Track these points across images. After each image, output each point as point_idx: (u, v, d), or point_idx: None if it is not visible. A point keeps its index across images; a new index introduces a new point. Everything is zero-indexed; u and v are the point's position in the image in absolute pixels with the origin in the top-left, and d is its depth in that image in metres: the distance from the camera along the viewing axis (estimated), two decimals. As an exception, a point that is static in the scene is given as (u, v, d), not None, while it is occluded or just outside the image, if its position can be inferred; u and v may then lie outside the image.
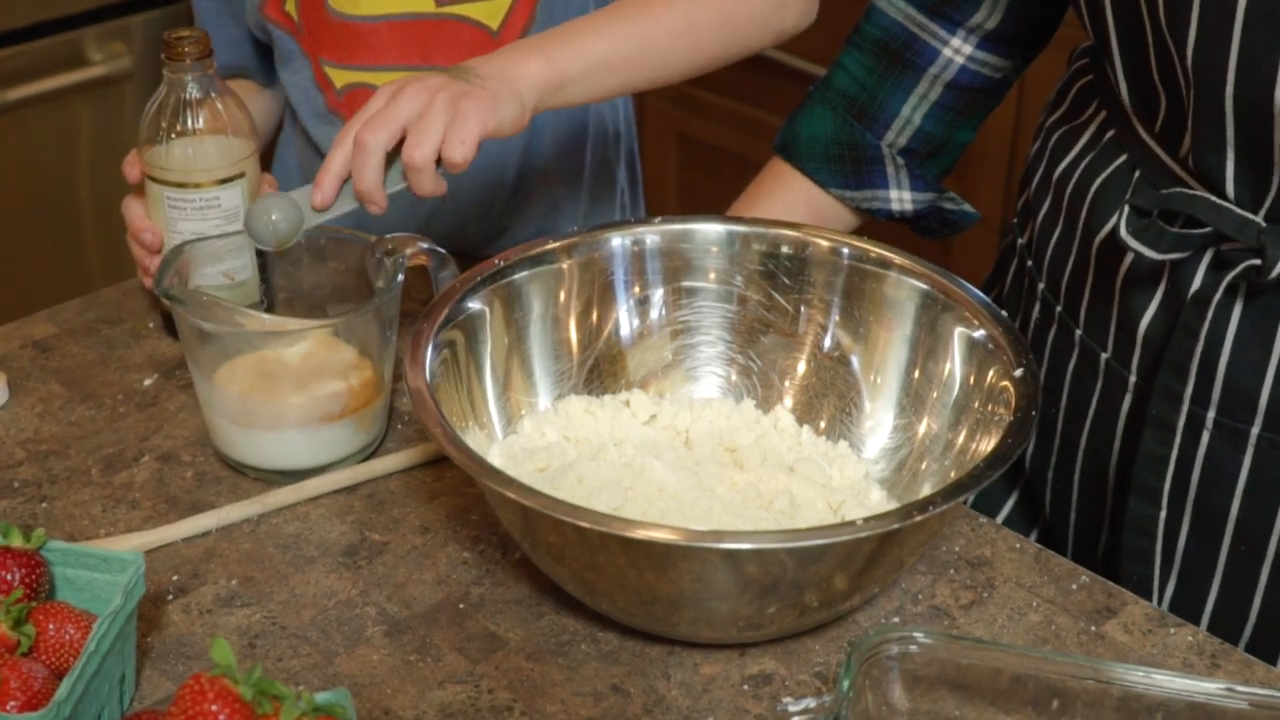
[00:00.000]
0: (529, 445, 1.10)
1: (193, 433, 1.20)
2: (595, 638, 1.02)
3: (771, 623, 0.98)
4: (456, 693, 0.97)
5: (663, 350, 1.17)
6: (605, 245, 1.15)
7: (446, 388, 1.04)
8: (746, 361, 1.18)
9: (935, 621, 1.04)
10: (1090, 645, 1.02)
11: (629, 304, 1.17)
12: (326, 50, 1.43)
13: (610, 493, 1.03)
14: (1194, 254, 1.08)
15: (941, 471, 1.08)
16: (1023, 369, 1.03)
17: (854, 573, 0.96)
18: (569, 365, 1.15)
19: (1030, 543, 1.11)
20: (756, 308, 1.17)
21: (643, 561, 0.93)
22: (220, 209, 1.24)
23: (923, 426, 1.11)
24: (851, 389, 1.15)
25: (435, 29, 1.39)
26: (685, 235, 1.17)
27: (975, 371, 1.08)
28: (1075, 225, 1.18)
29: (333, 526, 1.11)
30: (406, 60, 1.40)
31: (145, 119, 1.23)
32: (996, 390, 1.05)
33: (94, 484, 1.14)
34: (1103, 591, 1.07)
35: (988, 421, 1.05)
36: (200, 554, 1.08)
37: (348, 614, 1.03)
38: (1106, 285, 1.15)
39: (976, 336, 1.08)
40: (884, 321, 1.14)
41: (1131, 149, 1.13)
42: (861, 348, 1.15)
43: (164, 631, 1.01)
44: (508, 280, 1.12)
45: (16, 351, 1.29)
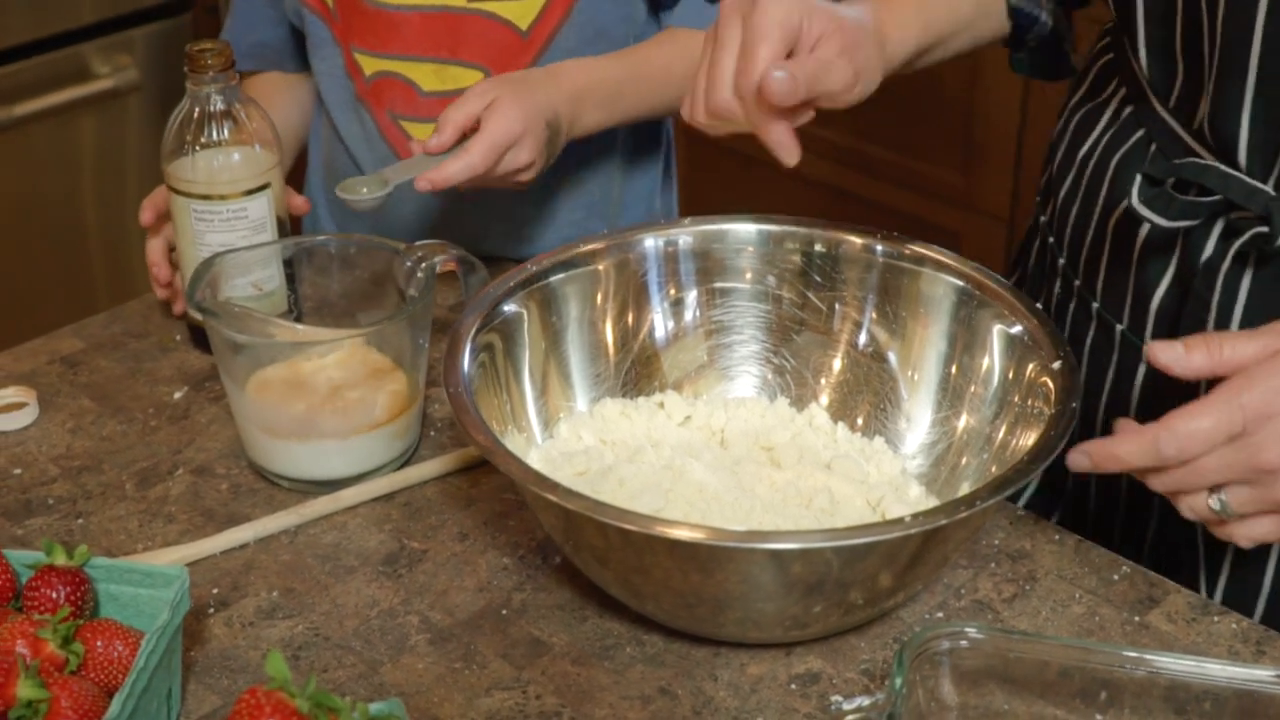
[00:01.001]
0: (567, 449, 1.10)
1: (226, 445, 1.19)
2: (640, 640, 1.01)
3: (817, 621, 0.97)
4: (504, 699, 0.97)
5: (697, 351, 1.17)
6: (638, 247, 1.15)
7: (485, 392, 1.04)
8: (781, 360, 1.18)
9: (979, 616, 1.04)
10: (1134, 635, 1.02)
11: (663, 305, 1.16)
12: (358, 37, 1.44)
13: (652, 495, 1.03)
14: (1204, 222, 1.10)
15: (981, 467, 1.07)
16: (1060, 361, 1.03)
17: (899, 569, 0.95)
18: (606, 367, 1.15)
19: (1070, 534, 1.11)
20: (790, 306, 1.17)
21: (688, 564, 0.93)
22: (247, 220, 1.23)
23: (961, 422, 1.11)
24: (888, 385, 1.15)
25: (465, 24, 1.41)
26: (718, 235, 1.17)
27: (1014, 366, 1.08)
28: (1095, 200, 1.19)
29: (371, 535, 1.11)
30: (435, 52, 1.42)
31: (169, 132, 1.23)
32: (1036, 385, 1.04)
33: (129, 499, 1.14)
34: (1144, 581, 1.06)
35: (1027, 416, 1.04)
36: (239, 566, 1.08)
37: (390, 623, 1.03)
38: (1123, 258, 1.16)
39: (1014, 331, 1.08)
40: (919, 318, 1.14)
41: (1148, 123, 1.15)
42: (898, 344, 1.15)
43: (207, 645, 1.01)
44: (543, 284, 1.12)
45: (44, 368, 1.28)
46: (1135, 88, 1.16)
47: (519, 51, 1.42)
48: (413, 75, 1.44)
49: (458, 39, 1.41)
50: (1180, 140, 1.11)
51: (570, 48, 1.41)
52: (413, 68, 1.43)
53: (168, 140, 1.23)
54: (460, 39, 1.41)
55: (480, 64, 1.42)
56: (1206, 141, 1.09)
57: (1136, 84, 1.16)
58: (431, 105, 1.42)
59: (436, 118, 1.39)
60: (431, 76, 1.44)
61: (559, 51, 1.41)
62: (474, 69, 1.42)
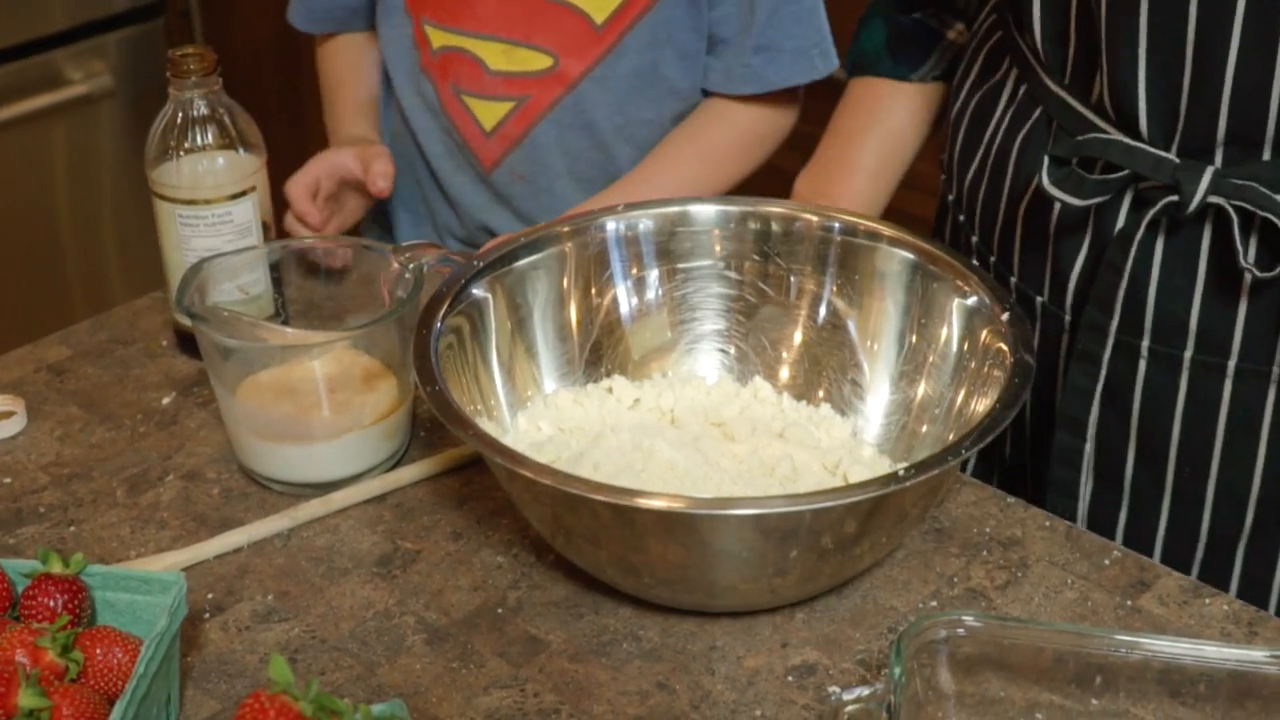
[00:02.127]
0: (532, 440, 1.11)
1: (216, 449, 1.19)
2: (636, 636, 1.02)
3: (795, 567, 0.98)
4: (502, 698, 0.97)
5: (661, 329, 1.19)
6: (600, 229, 1.17)
7: (455, 381, 1.05)
8: (743, 336, 1.20)
9: (972, 604, 1.04)
10: (1127, 619, 1.03)
11: (627, 286, 1.18)
12: (430, 10, 1.46)
13: (628, 476, 1.04)
14: (1114, 197, 1.12)
15: (939, 434, 1.10)
16: (1008, 313, 1.06)
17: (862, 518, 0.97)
18: (571, 349, 1.17)
19: (1060, 520, 1.11)
20: (751, 284, 1.19)
21: (681, 531, 0.94)
22: (233, 224, 1.23)
23: (919, 390, 1.13)
24: (848, 357, 1.17)
25: (540, 8, 1.43)
26: (679, 217, 1.18)
27: (969, 334, 1.10)
28: (1002, 182, 1.22)
29: (364, 537, 1.11)
30: (507, 33, 1.44)
31: (152, 138, 1.23)
32: (990, 349, 1.07)
33: (120, 505, 1.14)
34: (1135, 565, 1.07)
35: (984, 380, 1.07)
36: (234, 571, 1.08)
37: (387, 624, 1.03)
38: (1037, 236, 1.19)
39: (968, 302, 1.11)
40: (876, 292, 1.16)
41: (1045, 101, 1.17)
42: (856, 316, 1.17)
43: (204, 650, 1.01)
44: (509, 268, 1.13)
45: (31, 375, 1.28)
46: (1027, 66, 1.19)
47: (590, 43, 1.44)
48: (481, 53, 1.45)
49: (531, 22, 1.43)
50: (1079, 115, 1.14)
51: (639, 47, 1.43)
52: (482, 45, 1.45)
53: (151, 146, 1.23)
54: (534, 23, 1.43)
55: (550, 49, 1.44)
56: (1107, 114, 1.11)
57: (1028, 62, 1.18)
58: (496, 84, 1.46)
59: (499, 96, 1.44)
60: (500, 56, 1.45)
61: (628, 49, 1.44)
62: (543, 53, 1.44)
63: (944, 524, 1.11)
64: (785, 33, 1.44)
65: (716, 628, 1.02)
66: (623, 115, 1.48)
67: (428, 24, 1.47)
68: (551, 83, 1.46)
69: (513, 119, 1.48)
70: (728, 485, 1.06)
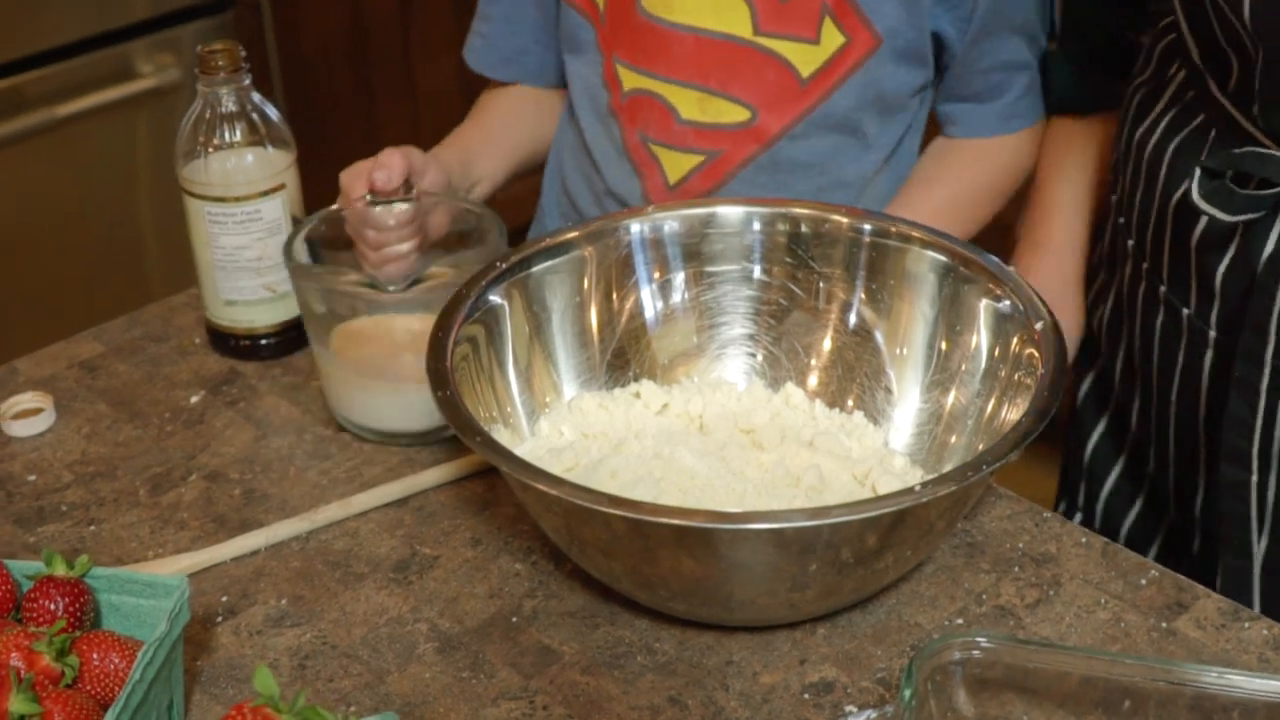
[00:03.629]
0: (552, 445, 1.08)
1: (240, 449, 1.18)
2: (651, 649, 0.99)
3: (814, 582, 0.95)
4: (510, 710, 0.95)
5: (686, 334, 1.16)
6: (623, 232, 1.14)
7: (470, 388, 1.03)
8: (772, 341, 1.16)
9: (1000, 622, 1.01)
10: (1161, 643, 0.99)
11: (651, 289, 1.16)
12: (624, 49, 1.34)
13: (646, 485, 1.01)
14: (1266, 215, 1.07)
15: (970, 443, 1.06)
16: (1043, 321, 1.03)
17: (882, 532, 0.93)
18: (591, 355, 1.14)
19: (1097, 537, 1.08)
20: (779, 287, 1.16)
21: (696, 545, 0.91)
22: (262, 221, 1.22)
23: (950, 398, 1.10)
24: (877, 363, 1.14)
25: (744, 57, 1.30)
26: (705, 219, 1.15)
27: (1000, 341, 1.07)
28: (1155, 185, 1.17)
29: (383, 541, 1.09)
30: (703, 80, 1.32)
31: (181, 134, 1.22)
32: (1021, 357, 1.04)
33: (141, 505, 1.13)
34: (1173, 586, 1.03)
35: (1015, 388, 1.04)
36: (249, 574, 1.07)
37: (399, 631, 1.01)
38: (1183, 245, 1.14)
39: (1000, 307, 1.07)
40: (906, 295, 1.13)
41: (1207, 109, 1.13)
42: (885, 322, 1.14)
43: (213, 654, 1.00)
44: (525, 274, 1.11)
45: (63, 372, 1.28)
46: (1194, 71, 1.14)
47: (793, 98, 1.32)
48: (674, 99, 1.33)
49: (731, 71, 1.31)
50: (1240, 127, 1.09)
51: (846, 106, 1.32)
52: (675, 91, 1.33)
53: (180, 142, 1.22)
54: (734, 71, 1.31)
55: (749, 102, 1.32)
56: (1263, 129, 1.06)
57: (1195, 68, 1.13)
58: (686, 134, 1.34)
59: (689, 148, 1.33)
60: (693, 104, 1.33)
61: (834, 107, 1.32)
62: (741, 105, 1.32)
63: (976, 538, 1.08)
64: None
65: (734, 642, 1.00)
66: (823, 177, 1.35)
67: (620, 64, 1.34)
68: (746, 138, 1.33)
69: (700, 173, 1.35)
70: (750, 496, 1.03)
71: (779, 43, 1.30)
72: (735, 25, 1.30)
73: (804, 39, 1.29)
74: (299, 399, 1.24)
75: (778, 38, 1.29)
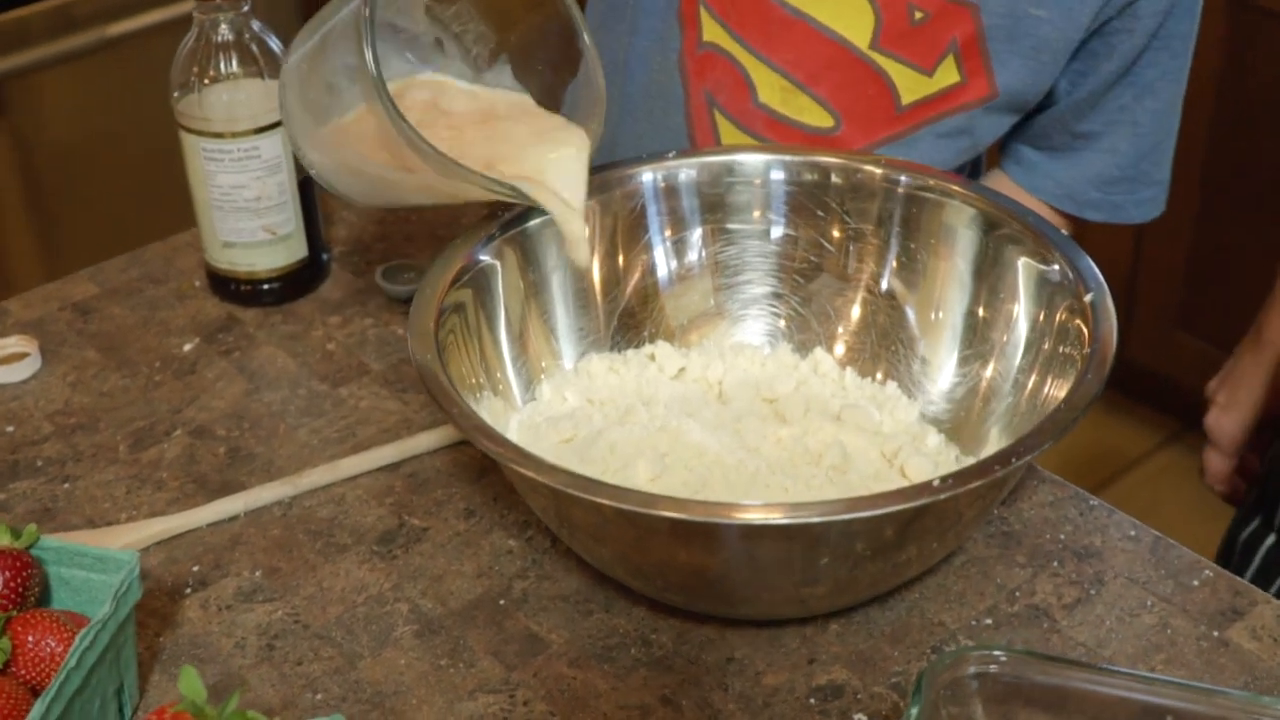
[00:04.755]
0: (551, 413, 1.00)
1: (230, 403, 1.11)
2: (647, 641, 0.91)
3: (826, 576, 0.86)
4: (488, 704, 0.87)
5: (704, 294, 1.06)
6: (634, 182, 1.04)
7: (457, 352, 0.94)
8: (793, 303, 1.07)
9: (1033, 624, 0.91)
10: (1211, 654, 0.89)
11: (665, 244, 1.06)
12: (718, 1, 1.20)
13: (647, 461, 0.93)
14: None
15: (1009, 413, 0.97)
16: (1093, 293, 0.92)
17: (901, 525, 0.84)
18: (594, 318, 1.04)
19: (1148, 529, 0.98)
20: (804, 244, 1.06)
21: (691, 538, 0.83)
22: (260, 159, 1.14)
23: (988, 367, 1.00)
24: (909, 329, 1.04)
25: (849, 64, 1.19)
26: (724, 168, 1.05)
27: (1044, 307, 0.97)
28: None
29: (370, 510, 1.01)
30: (794, 70, 1.19)
31: (176, 65, 1.14)
32: (1068, 327, 0.93)
33: (121, 462, 1.06)
34: (1228, 589, 0.93)
35: (1059, 361, 0.94)
36: (225, 541, 0.99)
37: (377, 611, 0.94)
38: None
39: (1047, 271, 0.97)
40: (943, 255, 1.03)
41: None
42: (921, 283, 1.04)
43: (178, 629, 0.93)
44: (520, 229, 1.01)
45: (54, 314, 1.21)
46: None
47: (884, 121, 1.21)
48: (755, 75, 1.20)
49: (830, 71, 1.19)
50: None
51: (931, 142, 1.22)
52: (759, 68, 1.20)
53: (175, 74, 1.14)
54: (833, 73, 1.19)
55: (837, 110, 1.21)
56: None
57: None
58: (757, 118, 1.22)
59: (756, 134, 1.21)
60: (775, 90, 1.20)
61: (919, 141, 1.22)
62: (826, 110, 1.21)
63: (1013, 526, 0.98)
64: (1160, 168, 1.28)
65: (737, 636, 0.91)
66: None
67: (706, 8, 1.20)
68: (821, 145, 1.21)
69: None
70: (764, 475, 0.94)
71: (891, 62, 1.19)
72: (854, 31, 1.18)
73: (918, 67, 1.19)
74: (297, 350, 1.16)
75: (892, 57, 1.19)
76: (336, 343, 1.17)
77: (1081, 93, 1.22)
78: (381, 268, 1.21)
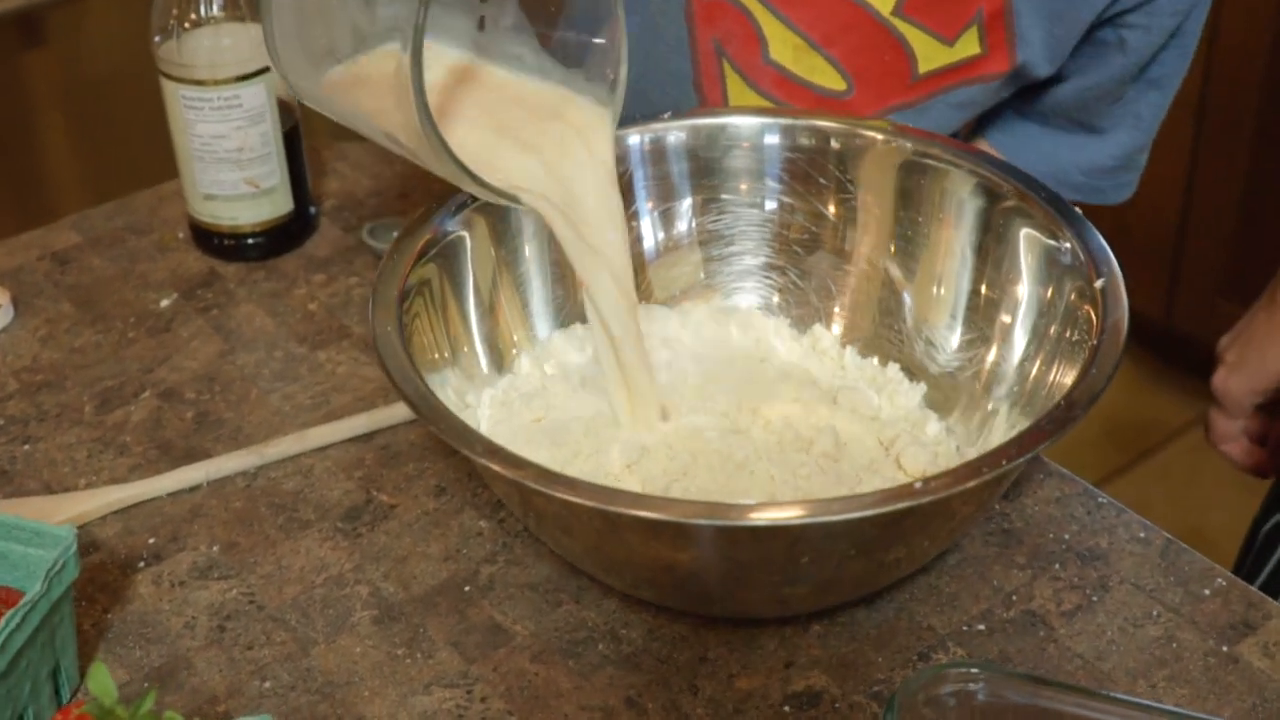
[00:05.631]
0: (527, 389, 0.94)
1: (202, 364, 1.06)
2: (616, 636, 0.86)
3: (807, 575, 0.81)
4: (443, 699, 0.83)
5: (694, 266, 1.00)
6: (620, 146, 0.97)
7: (421, 327, 0.88)
8: (788, 276, 1.01)
9: (1028, 631, 0.86)
10: (1218, 671, 0.83)
11: (651, 214, 0.99)
12: None
13: (624, 446, 0.87)
14: None
15: (1012, 411, 0.91)
16: (1104, 279, 0.86)
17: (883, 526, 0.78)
18: (572, 290, 0.98)
19: (1159, 532, 0.91)
20: (800, 214, 1.00)
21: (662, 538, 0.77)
22: (242, 109, 1.09)
23: (991, 350, 0.94)
24: (911, 307, 0.98)
25: (868, 28, 1.13)
26: (714, 130, 0.99)
27: (1054, 287, 0.90)
28: None
29: (337, 484, 0.97)
30: (809, 29, 1.13)
31: (155, 7, 1.08)
32: (1079, 316, 0.87)
33: (85, 423, 1.02)
34: (1241, 600, 0.87)
35: (1068, 346, 0.88)
36: (185, 512, 0.95)
37: (335, 594, 0.89)
38: None
39: (1056, 249, 0.91)
40: (946, 226, 0.96)
41: None
42: (924, 257, 0.97)
43: (127, 606, 0.89)
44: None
45: (33, 264, 1.17)
46: None
47: (898, 88, 1.15)
48: (767, 29, 1.14)
49: (847, 34, 1.13)
50: None
51: (945, 109, 1.17)
52: (772, 24, 1.13)
53: (155, 17, 1.08)
54: (850, 35, 1.13)
55: (850, 73, 1.15)
56: None
57: None
58: (766, 74, 1.15)
59: (763, 90, 1.15)
60: (788, 48, 1.14)
61: (933, 109, 1.17)
62: (839, 73, 1.15)
63: (1015, 523, 0.92)
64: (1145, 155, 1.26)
65: (712, 634, 0.86)
66: None
67: None
68: (829, 108, 1.15)
69: None
70: (751, 461, 0.89)
71: (912, 29, 1.12)
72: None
73: (939, 36, 1.12)
74: (277, 309, 1.11)
75: (913, 24, 1.12)
76: (319, 302, 1.12)
77: (1088, 82, 1.17)
78: (369, 225, 1.16)
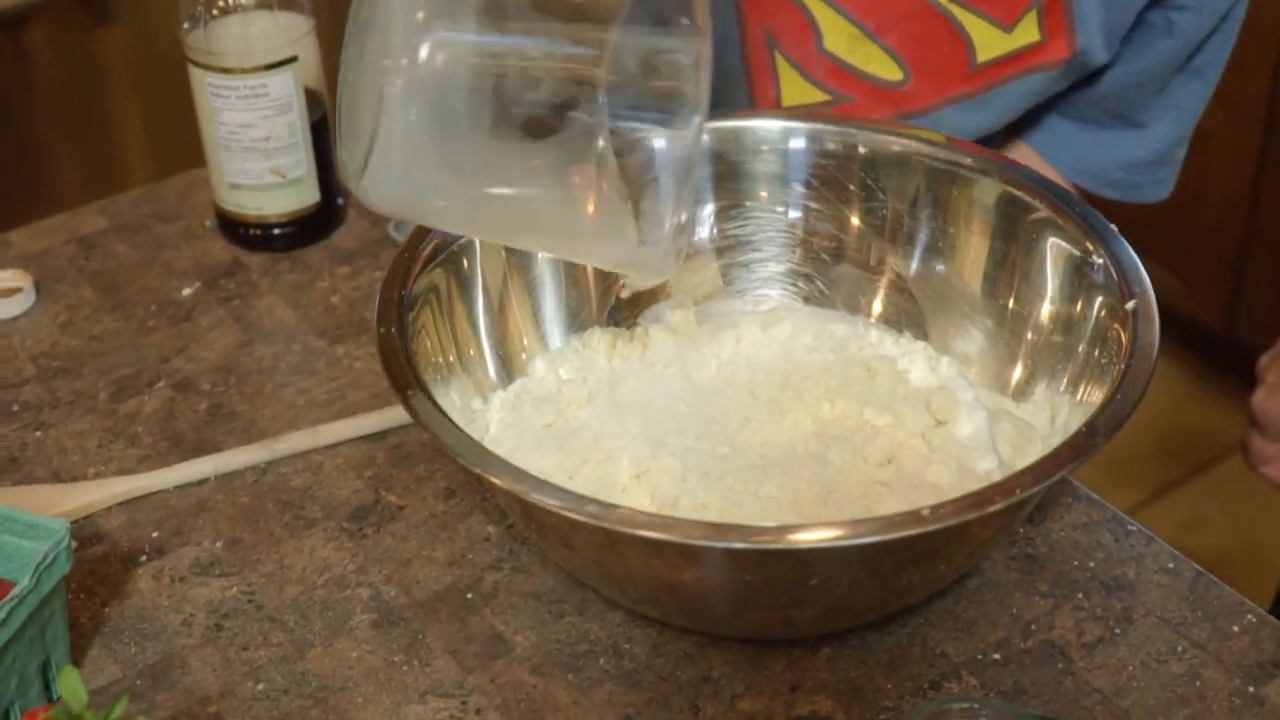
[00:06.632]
0: (541, 393, 0.92)
1: (219, 355, 1.05)
2: (618, 651, 0.83)
3: (816, 598, 0.78)
4: (437, 709, 0.81)
5: (714, 274, 0.98)
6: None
7: (428, 330, 0.86)
8: (811, 281, 0.98)
9: (1047, 663, 0.82)
10: (1243, 713, 0.79)
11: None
12: None
13: (632, 457, 0.85)
14: None
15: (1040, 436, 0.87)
16: (1136, 301, 0.82)
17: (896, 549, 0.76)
18: (585, 293, 0.96)
19: (1189, 564, 0.88)
20: (823, 220, 0.97)
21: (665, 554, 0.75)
22: (269, 98, 1.08)
23: (1016, 372, 0.92)
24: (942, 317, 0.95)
25: (926, 16, 1.10)
26: (735, 134, 0.97)
27: (1083, 310, 0.87)
28: None
29: (346, 482, 0.95)
30: (864, 18, 1.11)
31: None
32: (1108, 337, 0.84)
33: (98, 411, 1.01)
34: (1271, 638, 0.83)
35: (1097, 367, 0.85)
36: (191, 506, 0.93)
37: (336, 595, 0.87)
38: None
39: (1090, 272, 0.87)
40: (975, 237, 0.94)
41: None
42: (951, 263, 0.95)
43: (126, 601, 0.87)
44: None
45: (58, 248, 1.16)
46: None
47: (956, 78, 1.13)
48: (820, 19, 1.11)
49: (904, 23, 1.11)
50: None
51: (1006, 101, 1.15)
52: (826, 13, 1.11)
53: (183, 4, 1.07)
54: (907, 25, 1.11)
55: (906, 63, 1.13)
56: None
57: None
58: (820, 65, 1.13)
59: (817, 82, 1.12)
60: (842, 38, 1.12)
61: (994, 102, 1.15)
62: (896, 63, 1.13)
63: (1039, 548, 0.89)
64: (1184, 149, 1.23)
65: (718, 654, 0.83)
66: None
67: None
68: (885, 99, 1.14)
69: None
70: (766, 470, 0.86)
71: (970, 16, 1.10)
72: None
73: (998, 22, 1.10)
74: (299, 301, 1.10)
75: (971, 10, 1.09)
76: (341, 295, 1.10)
77: (1132, 69, 1.13)
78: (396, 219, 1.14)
